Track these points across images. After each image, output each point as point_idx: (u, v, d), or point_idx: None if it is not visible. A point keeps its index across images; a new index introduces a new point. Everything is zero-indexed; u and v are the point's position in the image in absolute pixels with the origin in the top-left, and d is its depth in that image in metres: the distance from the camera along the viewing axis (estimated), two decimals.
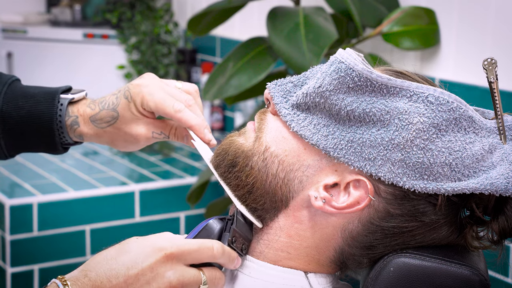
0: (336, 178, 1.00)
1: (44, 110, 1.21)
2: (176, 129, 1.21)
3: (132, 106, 1.18)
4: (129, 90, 1.18)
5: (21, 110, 1.21)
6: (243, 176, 1.04)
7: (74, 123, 1.21)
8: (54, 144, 1.22)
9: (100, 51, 3.18)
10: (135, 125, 1.19)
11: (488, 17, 1.93)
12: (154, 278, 0.93)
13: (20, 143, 1.23)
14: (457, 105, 0.99)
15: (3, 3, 3.49)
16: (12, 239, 2.34)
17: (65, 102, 1.21)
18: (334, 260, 1.04)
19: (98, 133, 1.21)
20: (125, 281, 0.92)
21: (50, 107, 1.21)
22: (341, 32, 2.14)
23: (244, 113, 2.96)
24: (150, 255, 0.93)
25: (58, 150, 1.24)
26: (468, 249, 1.04)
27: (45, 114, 1.20)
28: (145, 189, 2.53)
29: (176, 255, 0.94)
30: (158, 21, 3.14)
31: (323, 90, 1.01)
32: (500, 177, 0.97)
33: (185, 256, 0.94)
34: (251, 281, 1.03)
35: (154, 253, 0.93)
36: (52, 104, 1.21)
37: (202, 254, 0.95)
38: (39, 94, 1.22)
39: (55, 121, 1.21)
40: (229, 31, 3.00)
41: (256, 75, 2.07)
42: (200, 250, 0.95)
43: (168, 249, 0.94)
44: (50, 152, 1.25)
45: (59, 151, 1.24)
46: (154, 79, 1.18)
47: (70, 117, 1.21)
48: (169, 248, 0.94)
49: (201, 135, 1.15)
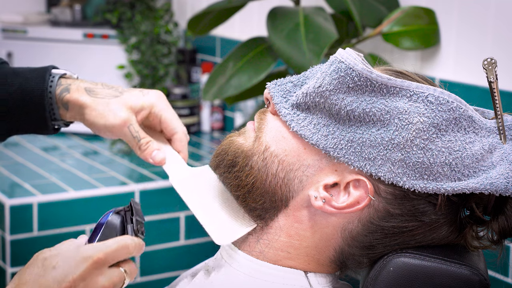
0: (336, 178, 1.00)
1: (34, 86, 1.17)
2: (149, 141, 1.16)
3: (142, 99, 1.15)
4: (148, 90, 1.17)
5: (11, 87, 1.18)
6: (243, 176, 1.04)
7: (64, 89, 1.17)
8: (45, 122, 1.18)
9: (100, 51, 3.18)
10: (124, 109, 1.15)
11: (488, 17, 1.93)
12: (87, 286, 0.94)
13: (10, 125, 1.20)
14: (457, 105, 0.99)
15: (3, 3, 3.49)
16: (12, 239, 2.34)
17: (57, 76, 1.18)
18: (334, 260, 1.04)
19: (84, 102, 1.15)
20: None
21: (41, 83, 1.17)
22: (341, 32, 2.14)
23: (244, 113, 2.96)
24: (78, 265, 0.94)
25: (48, 128, 1.20)
26: (468, 249, 1.04)
27: (35, 89, 1.17)
28: (145, 189, 2.53)
29: (101, 259, 0.95)
30: (158, 21, 3.14)
31: (323, 90, 1.01)
32: (500, 177, 0.97)
33: (109, 259, 0.96)
34: (251, 280, 1.03)
35: (82, 262, 0.94)
36: (42, 80, 1.18)
37: (121, 253, 0.97)
38: (28, 72, 1.19)
39: (46, 97, 1.17)
40: (229, 31, 3.00)
41: (256, 75, 2.07)
42: (119, 250, 0.96)
43: (94, 256, 0.95)
44: (40, 132, 1.21)
45: (49, 130, 1.20)
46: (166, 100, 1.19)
47: (61, 86, 1.17)
48: (95, 254, 0.95)
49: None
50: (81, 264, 0.94)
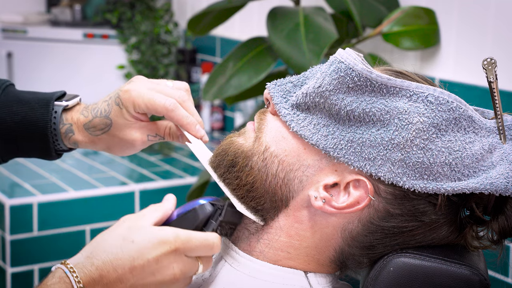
0: (336, 178, 1.00)
1: (39, 117, 1.20)
2: (170, 129, 1.20)
3: (124, 112, 1.16)
4: (119, 97, 1.16)
5: (16, 116, 1.21)
6: (243, 175, 1.04)
7: (69, 130, 1.21)
8: (48, 151, 1.22)
9: (100, 51, 3.18)
10: (129, 131, 1.18)
11: (488, 17, 1.93)
12: (159, 270, 0.95)
13: (14, 149, 1.23)
14: (457, 105, 0.99)
15: (3, 3, 3.49)
16: (12, 239, 2.34)
17: (59, 110, 1.20)
18: (334, 260, 1.04)
19: (93, 140, 1.20)
20: (131, 271, 0.94)
21: (45, 114, 1.20)
22: (341, 32, 2.14)
23: (244, 113, 2.96)
24: (155, 248, 0.95)
25: (52, 156, 1.23)
26: (468, 249, 1.04)
27: (40, 121, 1.20)
28: (145, 189, 2.53)
29: (180, 249, 0.96)
30: (158, 21, 3.14)
31: (323, 90, 1.01)
32: (500, 177, 0.97)
33: (187, 251, 0.96)
34: (251, 280, 1.03)
35: (159, 245, 0.95)
36: (46, 111, 1.20)
37: (203, 250, 0.97)
38: (33, 100, 1.21)
39: (50, 128, 1.20)
40: (229, 31, 3.00)
41: (256, 75, 2.07)
42: (202, 247, 0.97)
43: (172, 243, 0.95)
44: (43, 157, 1.24)
45: (53, 157, 1.24)
46: (143, 81, 1.17)
47: (65, 125, 1.21)
48: (173, 242, 0.95)
49: (193, 133, 1.15)
50: (159, 247, 0.95)
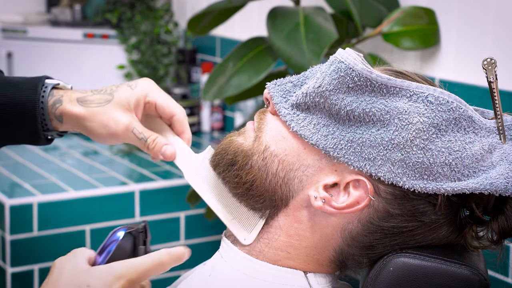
0: (336, 178, 1.00)
1: (27, 97, 1.15)
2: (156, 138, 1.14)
3: (133, 93, 1.14)
4: (136, 82, 1.15)
5: (3, 97, 1.16)
6: (242, 174, 1.04)
7: (57, 101, 1.15)
8: (37, 132, 1.17)
9: (100, 51, 3.18)
10: (122, 112, 1.13)
11: (488, 17, 1.93)
12: None
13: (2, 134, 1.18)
14: (457, 105, 0.99)
15: (3, 3, 3.49)
16: (12, 239, 2.34)
17: (50, 86, 1.16)
18: (334, 260, 1.04)
19: (80, 114, 1.14)
20: None
21: (33, 93, 1.15)
22: (341, 32, 2.14)
23: (244, 113, 2.96)
24: (111, 285, 0.92)
25: (41, 139, 1.18)
26: (468, 249, 1.04)
27: (28, 100, 1.15)
28: (145, 189, 2.53)
29: (136, 279, 0.94)
30: (158, 21, 3.14)
31: (323, 90, 1.01)
32: (499, 177, 0.97)
33: (142, 277, 0.94)
34: (250, 280, 1.03)
35: (116, 281, 0.93)
36: (35, 90, 1.16)
37: (156, 271, 0.95)
38: (22, 82, 1.17)
39: (38, 108, 1.15)
40: (229, 31, 3.00)
41: (256, 75, 2.07)
42: (154, 268, 0.95)
43: (128, 275, 0.93)
44: (32, 142, 1.19)
45: (42, 141, 1.18)
46: None
47: (54, 97, 1.16)
48: (129, 274, 0.93)
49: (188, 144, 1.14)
50: (116, 283, 0.92)
